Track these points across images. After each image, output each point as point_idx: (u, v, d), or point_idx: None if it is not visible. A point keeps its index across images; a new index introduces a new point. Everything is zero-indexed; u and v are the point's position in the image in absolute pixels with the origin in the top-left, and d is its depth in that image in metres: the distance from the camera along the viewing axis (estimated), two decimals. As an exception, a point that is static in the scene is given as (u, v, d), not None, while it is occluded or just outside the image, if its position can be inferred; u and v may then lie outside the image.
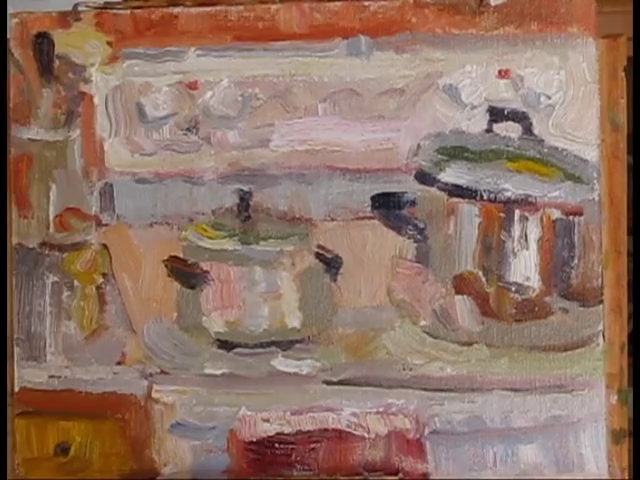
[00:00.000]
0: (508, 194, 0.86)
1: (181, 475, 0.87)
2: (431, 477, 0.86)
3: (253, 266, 0.87)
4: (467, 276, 0.86)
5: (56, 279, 0.88)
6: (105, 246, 0.87)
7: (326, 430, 0.86)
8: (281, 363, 0.86)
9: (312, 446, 0.86)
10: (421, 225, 0.86)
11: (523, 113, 0.86)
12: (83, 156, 0.88)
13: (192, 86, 0.87)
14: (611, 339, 0.85)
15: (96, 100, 0.87)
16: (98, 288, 0.88)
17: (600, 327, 0.85)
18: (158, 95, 0.87)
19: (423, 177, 0.86)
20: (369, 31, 0.86)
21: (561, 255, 0.86)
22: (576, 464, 0.85)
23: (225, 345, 0.87)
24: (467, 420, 0.86)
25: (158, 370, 0.87)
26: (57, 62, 0.87)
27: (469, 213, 0.86)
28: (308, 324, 0.86)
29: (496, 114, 0.86)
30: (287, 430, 0.86)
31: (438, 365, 0.86)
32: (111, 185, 0.87)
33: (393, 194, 0.86)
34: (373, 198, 0.86)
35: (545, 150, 0.86)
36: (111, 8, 0.88)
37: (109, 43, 0.87)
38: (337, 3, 0.87)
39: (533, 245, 0.86)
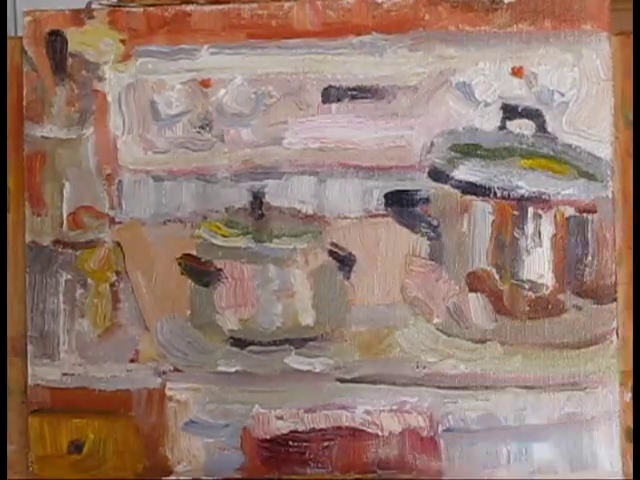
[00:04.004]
0: (522, 191, 0.86)
1: (194, 473, 0.87)
2: (445, 475, 0.86)
3: (266, 264, 0.87)
4: (481, 274, 0.86)
5: (69, 277, 0.88)
6: (118, 244, 0.88)
7: (340, 428, 0.86)
8: (294, 361, 0.86)
9: (326, 444, 0.86)
10: (435, 223, 0.86)
11: (537, 110, 0.86)
12: (96, 154, 0.88)
13: (205, 84, 0.87)
14: (625, 337, 0.85)
15: (109, 98, 0.88)
16: (111, 286, 0.88)
17: (614, 325, 0.85)
18: (171, 93, 0.87)
19: (436, 174, 0.86)
20: (382, 28, 0.86)
21: (575, 253, 0.85)
22: (590, 462, 0.85)
23: (238, 343, 0.87)
24: (481, 418, 0.86)
25: (171, 368, 0.87)
26: (70, 60, 0.88)
27: (483, 211, 0.86)
28: (321, 322, 0.86)
29: (510, 111, 0.86)
30: (301, 428, 0.86)
31: (452, 363, 0.86)
32: (124, 183, 0.87)
33: (406, 192, 0.86)
34: (386, 196, 0.86)
35: (559, 147, 0.86)
36: (124, 6, 0.88)
37: (122, 41, 0.87)
38: (350, 0, 0.87)
39: (547, 243, 0.86)
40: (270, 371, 0.87)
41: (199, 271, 0.87)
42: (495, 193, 0.86)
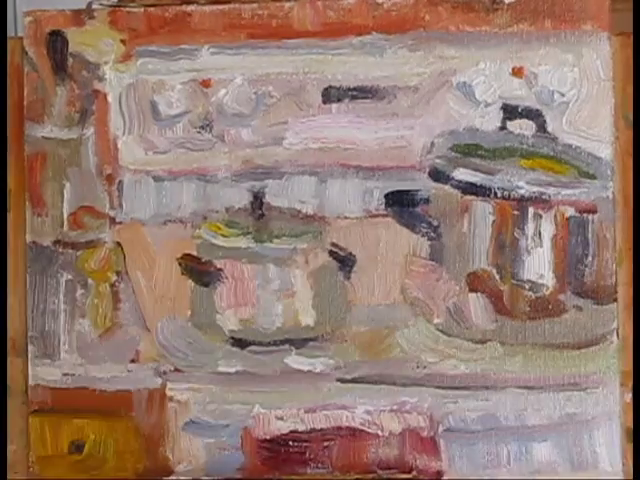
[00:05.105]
0: (522, 192, 0.86)
1: (195, 473, 0.87)
2: (445, 475, 0.86)
3: (267, 264, 0.87)
4: (481, 274, 0.86)
5: (70, 277, 0.88)
6: (119, 244, 0.88)
7: (340, 428, 0.86)
8: (295, 361, 0.86)
9: (326, 444, 0.86)
10: (435, 223, 0.86)
11: (537, 110, 0.86)
12: (97, 154, 0.88)
13: (206, 84, 0.87)
14: (625, 337, 0.85)
15: (110, 98, 0.88)
16: (112, 286, 0.88)
17: (614, 325, 0.85)
18: (172, 93, 0.87)
19: (437, 175, 0.86)
20: (382, 29, 0.86)
21: (575, 253, 0.85)
22: (590, 462, 0.85)
23: (239, 343, 0.87)
24: (481, 418, 0.86)
25: (172, 368, 0.87)
26: (71, 60, 0.88)
27: (483, 211, 0.86)
28: (322, 322, 0.86)
29: (510, 111, 0.86)
30: (301, 428, 0.86)
31: (452, 363, 0.86)
32: (125, 183, 0.87)
33: (407, 192, 0.86)
34: (387, 196, 0.86)
35: (559, 148, 0.86)
36: (125, 6, 0.88)
37: (123, 41, 0.87)
38: (350, 1, 0.87)
39: (547, 243, 0.86)
40: (270, 371, 0.87)
41: (199, 271, 0.87)
42: (495, 193, 0.86)
